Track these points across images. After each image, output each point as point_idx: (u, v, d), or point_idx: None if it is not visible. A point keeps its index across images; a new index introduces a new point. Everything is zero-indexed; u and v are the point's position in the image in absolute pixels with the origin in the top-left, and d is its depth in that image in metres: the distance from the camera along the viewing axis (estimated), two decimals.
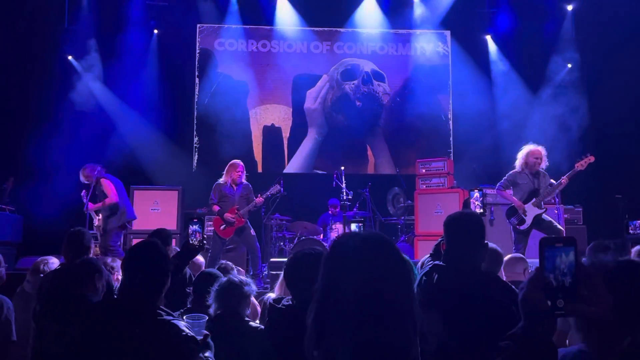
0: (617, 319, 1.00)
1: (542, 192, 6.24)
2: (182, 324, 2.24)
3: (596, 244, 3.51)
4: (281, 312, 2.37)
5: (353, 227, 3.63)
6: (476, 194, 2.94)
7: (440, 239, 2.91)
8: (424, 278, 2.59)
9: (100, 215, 7.01)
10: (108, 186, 6.95)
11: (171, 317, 2.27)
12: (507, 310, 2.36)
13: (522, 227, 6.24)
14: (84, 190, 7.12)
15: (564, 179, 6.16)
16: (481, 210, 2.89)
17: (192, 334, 2.22)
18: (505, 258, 3.94)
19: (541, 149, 6.33)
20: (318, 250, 2.43)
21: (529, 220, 6.23)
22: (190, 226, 3.22)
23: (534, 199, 6.24)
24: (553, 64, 10.21)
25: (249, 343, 2.65)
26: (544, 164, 6.32)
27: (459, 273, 2.48)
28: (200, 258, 4.61)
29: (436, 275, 2.57)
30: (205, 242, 3.27)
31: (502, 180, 6.51)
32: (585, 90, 9.72)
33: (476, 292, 2.40)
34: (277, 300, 2.48)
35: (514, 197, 6.33)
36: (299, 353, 1.25)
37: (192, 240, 3.11)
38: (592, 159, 6.18)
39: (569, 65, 10.19)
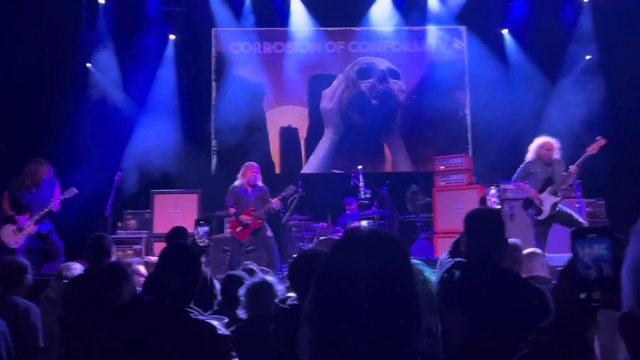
0: None
1: (556, 179, 6.20)
2: (216, 323, 2.28)
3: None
4: (287, 312, 2.39)
5: (364, 224, 3.62)
6: (493, 190, 2.91)
7: (459, 236, 2.90)
8: (445, 275, 2.58)
9: (34, 219, 6.92)
10: (58, 192, 6.95)
11: (204, 317, 2.30)
12: (529, 306, 2.35)
13: (540, 217, 6.20)
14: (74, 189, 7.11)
15: (573, 167, 6.15)
16: (499, 207, 2.87)
17: (228, 332, 2.25)
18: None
19: (553, 141, 6.34)
20: (321, 250, 2.44)
21: (546, 209, 6.18)
22: (199, 228, 3.29)
23: (549, 187, 6.21)
24: (571, 55, 10.05)
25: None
26: (557, 154, 6.30)
27: (480, 270, 2.47)
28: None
29: (457, 272, 2.57)
30: (211, 242, 3.37)
31: (516, 172, 6.50)
32: (605, 81, 9.55)
33: (498, 289, 2.40)
34: (283, 300, 2.50)
35: (529, 188, 6.30)
36: None
37: (199, 242, 3.17)
38: (603, 141, 6.20)
39: (588, 57, 10.04)
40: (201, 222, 3.39)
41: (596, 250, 0.98)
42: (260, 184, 7.36)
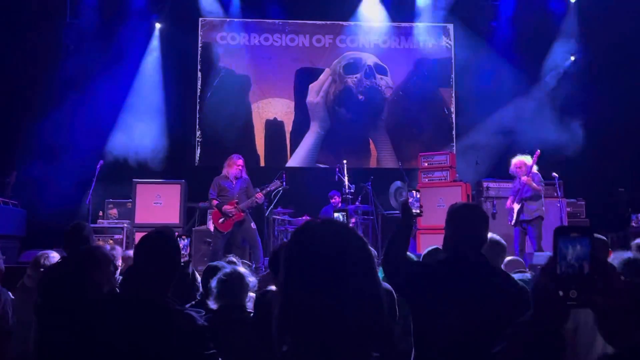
0: (633, 311, 0.98)
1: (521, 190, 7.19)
2: (194, 314, 2.28)
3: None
4: (267, 305, 2.39)
5: (336, 215, 3.62)
6: (414, 194, 2.94)
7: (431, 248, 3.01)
8: (421, 264, 2.60)
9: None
10: None
11: (182, 308, 2.29)
12: (509, 296, 2.37)
13: (511, 223, 7.22)
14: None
15: (524, 178, 7.09)
16: (417, 211, 2.91)
17: (206, 323, 2.25)
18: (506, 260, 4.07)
19: (519, 160, 7.21)
20: None
21: (514, 215, 7.20)
22: (180, 241, 3.33)
23: (517, 197, 7.21)
24: (556, 56, 10.16)
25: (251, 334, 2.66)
26: (525, 170, 7.12)
27: (461, 260, 2.48)
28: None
29: (437, 262, 2.60)
30: (191, 259, 3.42)
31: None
32: (588, 82, 9.67)
33: (478, 279, 2.41)
34: (263, 294, 2.50)
35: (508, 203, 7.38)
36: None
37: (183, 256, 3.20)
38: (538, 152, 7.15)
39: (572, 58, 10.14)
40: (183, 237, 3.41)
41: (577, 250, 0.99)
42: (244, 175, 7.34)
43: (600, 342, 1.08)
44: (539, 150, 7.17)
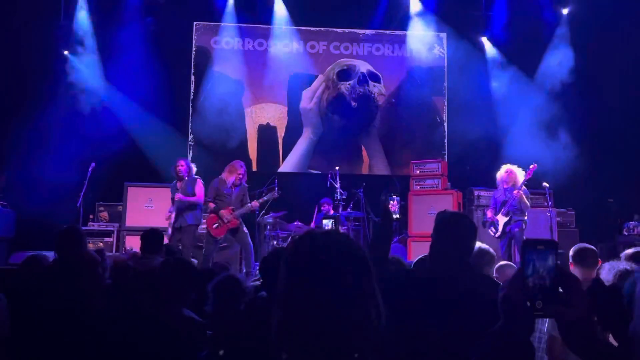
0: (594, 320, 1.03)
1: (509, 202, 7.11)
2: (190, 312, 2.40)
3: (578, 248, 3.52)
4: (258, 310, 2.42)
5: (325, 222, 3.64)
6: (394, 201, 3.00)
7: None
8: (407, 276, 2.61)
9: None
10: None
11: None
12: (490, 300, 2.37)
13: (496, 235, 7.18)
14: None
15: (515, 192, 7.00)
16: (398, 216, 2.97)
17: (200, 320, 2.31)
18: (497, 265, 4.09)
19: (507, 171, 7.17)
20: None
21: (499, 227, 7.15)
22: None
23: (503, 209, 7.13)
24: (549, 66, 10.24)
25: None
26: (514, 181, 7.09)
27: (445, 266, 2.49)
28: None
29: (425, 274, 2.61)
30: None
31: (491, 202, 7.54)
32: (579, 93, 9.77)
33: (465, 291, 2.41)
34: (253, 300, 2.54)
35: (490, 213, 7.34)
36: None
37: None
38: (535, 166, 7.14)
39: (564, 69, 10.23)
40: None
41: (543, 262, 1.03)
42: (243, 183, 7.36)
43: None
44: (535, 164, 7.16)
